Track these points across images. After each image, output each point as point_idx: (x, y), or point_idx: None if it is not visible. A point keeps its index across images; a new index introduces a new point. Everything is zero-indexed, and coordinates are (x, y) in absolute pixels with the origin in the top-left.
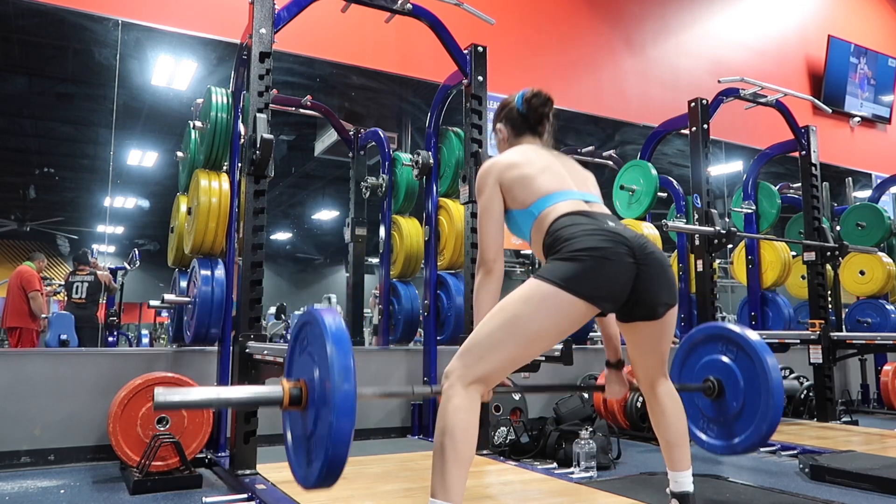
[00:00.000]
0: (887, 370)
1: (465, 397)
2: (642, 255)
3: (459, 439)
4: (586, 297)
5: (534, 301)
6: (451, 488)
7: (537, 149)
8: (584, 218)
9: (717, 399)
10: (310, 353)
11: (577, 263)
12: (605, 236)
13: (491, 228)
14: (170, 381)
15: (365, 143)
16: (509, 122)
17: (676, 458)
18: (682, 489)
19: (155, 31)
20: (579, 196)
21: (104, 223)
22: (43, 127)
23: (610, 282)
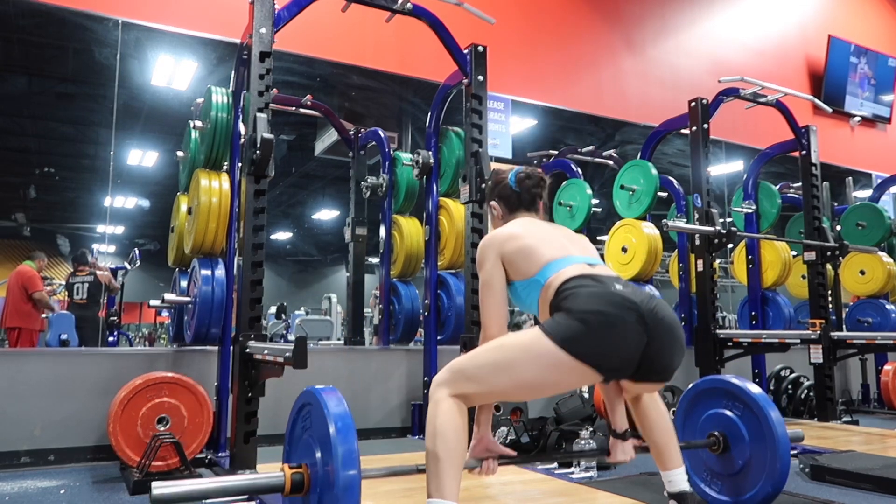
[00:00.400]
0: (888, 370)
1: (452, 402)
2: (653, 320)
3: (451, 439)
4: (587, 362)
5: (532, 352)
6: (447, 487)
7: (534, 220)
8: (591, 281)
9: (723, 455)
10: (311, 435)
11: (582, 325)
12: (613, 300)
13: (494, 302)
14: (170, 381)
15: (365, 143)
16: (502, 199)
17: (666, 458)
18: (679, 488)
19: (155, 31)
20: (583, 260)
21: (104, 223)
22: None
23: (615, 349)
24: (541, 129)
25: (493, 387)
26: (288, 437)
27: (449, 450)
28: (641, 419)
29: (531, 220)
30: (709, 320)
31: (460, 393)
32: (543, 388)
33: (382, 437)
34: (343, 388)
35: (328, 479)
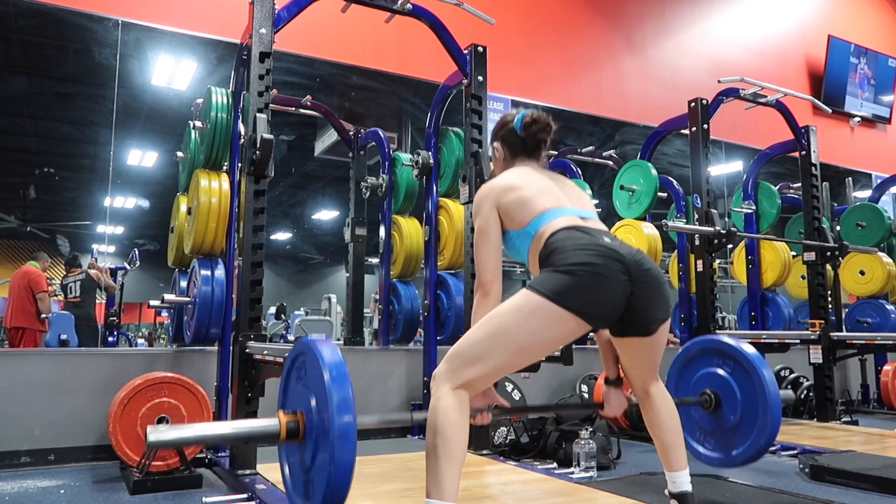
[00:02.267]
0: (887, 370)
1: (453, 398)
2: (637, 272)
3: (450, 438)
4: (577, 312)
5: (523, 312)
6: (446, 487)
7: (533, 171)
8: (579, 233)
9: (715, 412)
10: (306, 384)
11: (570, 277)
12: (600, 252)
13: (488, 251)
14: (169, 381)
15: (365, 143)
16: (506, 143)
17: (672, 459)
18: (681, 489)
19: (155, 31)
20: (575, 212)
21: (104, 223)
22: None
23: (602, 298)
24: None
25: (492, 362)
26: (283, 387)
27: (448, 449)
28: (651, 417)
29: (530, 170)
30: (708, 321)
31: (463, 382)
32: (539, 347)
33: (382, 437)
34: None
35: (323, 426)
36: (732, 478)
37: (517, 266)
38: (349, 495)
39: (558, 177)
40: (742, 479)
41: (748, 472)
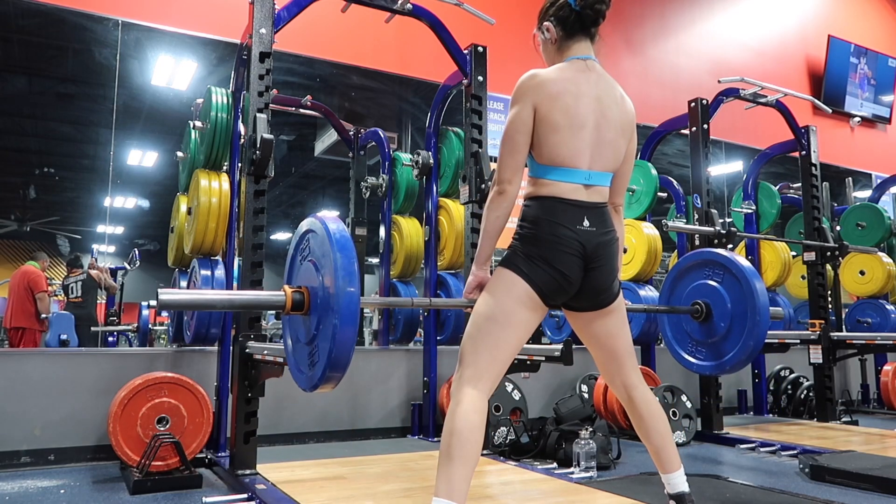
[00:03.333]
0: (887, 370)
1: (474, 398)
2: (593, 259)
3: (467, 440)
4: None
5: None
6: (457, 488)
7: (583, 78)
8: (566, 210)
9: (706, 322)
10: (312, 260)
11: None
12: (566, 245)
13: (516, 142)
14: (170, 381)
15: (365, 143)
16: (560, 21)
17: (665, 461)
18: (678, 490)
19: (155, 31)
20: (583, 178)
21: (104, 223)
22: (43, 127)
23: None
24: None
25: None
26: (289, 265)
27: (464, 450)
28: (638, 423)
29: (584, 75)
30: None
31: (475, 373)
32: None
33: (382, 437)
34: (343, 389)
35: (328, 298)
36: (732, 478)
37: None
38: (350, 495)
39: (606, 91)
40: (742, 478)
41: (748, 472)
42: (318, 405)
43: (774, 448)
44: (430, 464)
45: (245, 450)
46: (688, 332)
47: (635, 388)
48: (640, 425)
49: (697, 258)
